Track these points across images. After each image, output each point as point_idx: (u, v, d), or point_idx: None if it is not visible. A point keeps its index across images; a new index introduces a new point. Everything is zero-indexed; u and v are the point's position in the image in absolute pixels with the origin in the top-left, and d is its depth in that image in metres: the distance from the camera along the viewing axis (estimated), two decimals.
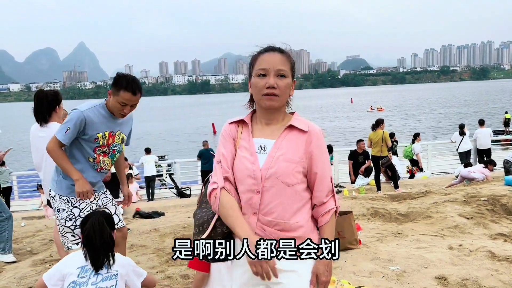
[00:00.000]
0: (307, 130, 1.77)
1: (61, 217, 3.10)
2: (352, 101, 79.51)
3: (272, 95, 1.72)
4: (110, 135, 3.13)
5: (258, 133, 1.82)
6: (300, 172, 1.74)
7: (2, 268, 4.65)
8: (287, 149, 1.75)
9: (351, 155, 11.68)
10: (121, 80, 3.01)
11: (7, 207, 5.12)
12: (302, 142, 1.76)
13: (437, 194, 7.20)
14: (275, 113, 1.80)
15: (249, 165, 1.75)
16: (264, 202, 1.73)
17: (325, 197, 1.77)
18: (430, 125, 38.26)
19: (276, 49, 1.79)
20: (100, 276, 2.41)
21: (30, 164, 24.14)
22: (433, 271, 3.71)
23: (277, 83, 1.72)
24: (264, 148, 1.78)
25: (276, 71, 1.72)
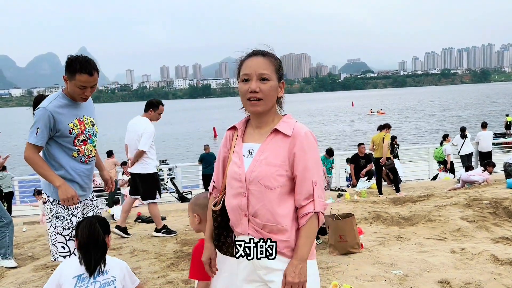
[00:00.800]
0: (290, 134, 1.77)
1: (60, 224, 3.02)
2: (353, 105, 79.51)
3: (256, 100, 1.75)
4: (80, 122, 3.04)
5: (249, 137, 1.87)
6: (282, 176, 1.75)
7: (3, 273, 4.64)
8: (270, 152, 1.77)
9: (352, 159, 11.68)
10: (74, 63, 2.88)
11: (7, 212, 5.11)
12: (285, 145, 1.76)
13: (439, 197, 7.18)
14: (263, 117, 1.83)
15: (236, 169, 1.81)
16: (251, 204, 1.77)
17: (303, 200, 1.75)
18: (431, 128, 38.23)
19: (258, 53, 1.81)
20: (98, 283, 2.39)
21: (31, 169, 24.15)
22: (436, 275, 3.69)
23: (259, 87, 1.74)
24: (251, 152, 1.82)
25: (258, 75, 1.75)
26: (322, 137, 35.30)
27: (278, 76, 1.80)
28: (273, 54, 1.83)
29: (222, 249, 1.88)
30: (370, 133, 35.09)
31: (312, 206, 1.74)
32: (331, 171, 11.93)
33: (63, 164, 3.01)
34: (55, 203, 3.02)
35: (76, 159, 3.05)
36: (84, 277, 2.39)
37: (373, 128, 39.40)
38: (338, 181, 12.21)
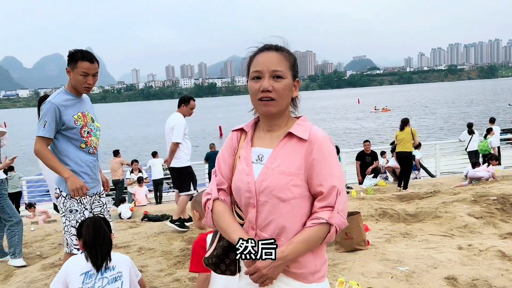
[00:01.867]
0: (306, 138, 1.57)
1: (73, 218, 3.12)
2: (359, 102, 79.24)
3: (268, 99, 1.56)
4: (83, 115, 3.18)
5: (258, 142, 1.66)
6: (297, 186, 1.54)
7: (12, 272, 4.69)
8: (283, 159, 1.56)
9: (358, 156, 11.65)
10: (75, 53, 3.08)
11: (17, 212, 5.16)
12: (301, 151, 1.56)
13: (445, 194, 7.14)
14: (276, 119, 1.63)
15: (244, 176, 1.60)
16: (260, 217, 1.57)
17: (319, 208, 1.54)
18: (437, 125, 38.02)
19: (271, 47, 1.61)
20: (106, 279, 2.42)
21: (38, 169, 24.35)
22: (443, 272, 3.68)
23: (272, 86, 1.55)
24: (261, 158, 1.61)
25: (271, 72, 1.56)
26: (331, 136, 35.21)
27: (293, 73, 1.61)
28: (287, 49, 1.63)
29: (220, 267, 1.66)
30: (375, 130, 35.06)
31: (328, 214, 1.51)
32: None
33: (73, 157, 3.12)
34: (69, 197, 3.12)
35: (85, 150, 3.17)
36: (91, 274, 2.42)
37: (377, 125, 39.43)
38: (345, 178, 12.17)
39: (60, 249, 5.41)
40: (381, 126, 39.13)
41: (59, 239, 5.83)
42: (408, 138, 9.77)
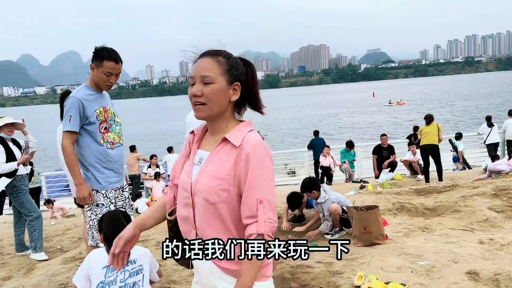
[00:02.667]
0: (238, 145, 1.56)
1: (99, 211, 3.17)
2: (374, 95, 78.48)
3: (199, 104, 1.58)
4: (104, 110, 3.25)
5: (204, 144, 1.71)
6: (225, 190, 1.55)
7: (34, 266, 4.78)
8: (215, 163, 1.59)
9: (375, 150, 11.55)
10: (102, 51, 3.12)
11: (36, 207, 5.25)
12: (232, 157, 1.56)
13: (464, 187, 7.03)
14: (214, 123, 1.65)
15: (185, 177, 1.66)
16: (196, 217, 1.61)
17: (245, 218, 1.53)
18: (454, 118, 37.46)
19: (206, 53, 1.63)
20: (127, 272, 2.45)
21: (56, 164, 24.67)
22: (464, 266, 3.63)
23: (201, 91, 1.57)
24: (201, 160, 1.66)
25: (200, 78, 1.58)
26: (339, 130, 35.04)
27: (230, 77, 1.59)
28: (225, 53, 1.63)
29: (180, 260, 1.72)
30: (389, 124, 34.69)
31: (255, 227, 1.51)
32: (354, 164, 11.82)
33: (94, 152, 3.19)
34: (95, 192, 3.18)
35: (103, 146, 3.22)
36: (112, 268, 2.45)
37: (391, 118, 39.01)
38: (360, 173, 12.10)
39: (80, 243, 5.49)
40: (396, 120, 38.75)
41: (79, 233, 5.92)
42: (434, 131, 9.69)
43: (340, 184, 11.01)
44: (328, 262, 3.95)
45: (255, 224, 1.51)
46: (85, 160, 3.19)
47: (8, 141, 5.02)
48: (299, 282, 3.61)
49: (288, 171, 14.83)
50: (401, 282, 3.32)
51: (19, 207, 5.12)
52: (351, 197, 6.72)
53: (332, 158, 11.53)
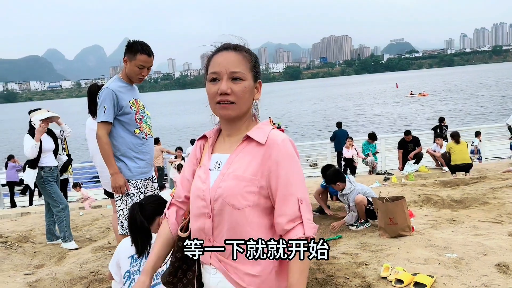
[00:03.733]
0: (263, 142, 1.44)
1: (130, 201, 3.25)
2: (398, 86, 77.17)
3: (227, 103, 1.44)
4: (136, 102, 3.32)
5: (219, 147, 1.56)
6: (252, 193, 1.41)
7: (65, 254, 4.93)
8: (239, 164, 1.45)
9: (400, 144, 11.37)
10: (135, 45, 3.19)
11: (63, 198, 5.40)
12: (258, 156, 1.44)
13: (493, 179, 6.88)
14: (236, 123, 1.51)
15: (200, 184, 1.49)
16: (216, 228, 1.45)
17: (287, 223, 1.38)
18: (480, 109, 36.53)
19: (230, 47, 1.49)
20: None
21: (82, 157, 25.23)
22: (493, 259, 3.56)
23: (231, 88, 1.43)
24: (219, 164, 1.50)
25: (229, 74, 1.44)
26: (360, 121, 34.62)
27: (254, 74, 1.49)
28: (247, 48, 1.52)
29: (178, 287, 1.57)
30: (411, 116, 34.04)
31: (301, 229, 1.37)
32: (376, 156, 11.69)
33: (127, 143, 3.26)
34: (126, 181, 3.26)
35: (138, 136, 3.29)
36: (136, 257, 2.50)
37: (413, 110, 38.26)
38: (384, 165, 11.96)
39: (108, 233, 5.63)
40: (418, 111, 38.06)
41: (107, 223, 6.06)
42: (465, 149, 9.45)
43: (363, 176, 10.91)
44: (354, 253, 3.95)
45: (300, 227, 1.38)
46: (118, 150, 3.25)
47: (33, 124, 5.15)
48: (324, 273, 3.62)
49: (310, 163, 14.79)
50: (428, 274, 3.29)
51: (46, 198, 5.28)
52: (375, 189, 6.66)
53: (356, 149, 11.43)
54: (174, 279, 1.57)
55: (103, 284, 3.73)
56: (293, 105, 60.67)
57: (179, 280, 1.56)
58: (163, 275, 1.60)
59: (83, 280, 3.86)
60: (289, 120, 38.40)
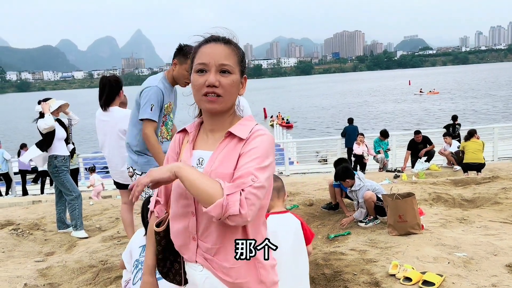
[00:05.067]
0: (245, 137, 1.41)
1: (145, 194, 3.31)
2: (410, 83, 76.47)
3: (213, 95, 1.41)
4: (169, 105, 3.34)
5: (200, 144, 1.53)
6: None
7: (75, 243, 4.99)
8: (221, 161, 1.41)
9: (410, 145, 11.24)
10: (187, 48, 3.14)
11: (76, 187, 5.46)
12: (239, 150, 1.41)
13: (505, 179, 6.78)
14: (219, 118, 1.48)
15: None
16: (201, 225, 1.43)
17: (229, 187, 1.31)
18: (493, 108, 36.04)
19: (219, 39, 1.46)
20: None
21: (93, 147, 25.41)
22: (504, 259, 3.52)
23: (219, 81, 1.41)
24: (202, 161, 1.48)
25: (218, 66, 1.41)
26: (365, 118, 34.38)
27: (241, 69, 1.47)
28: (235, 42, 1.49)
29: (169, 276, 1.60)
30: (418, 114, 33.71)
31: (231, 188, 1.30)
32: (388, 153, 11.60)
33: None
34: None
35: (159, 138, 3.32)
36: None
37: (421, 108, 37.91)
38: (395, 162, 11.87)
39: (117, 223, 5.68)
40: (426, 109, 37.72)
41: (116, 213, 6.11)
42: (479, 148, 9.32)
43: (373, 173, 10.85)
44: (362, 250, 3.93)
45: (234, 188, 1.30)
46: (141, 146, 3.30)
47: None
48: (332, 268, 3.61)
49: (319, 159, 14.74)
50: (437, 273, 3.26)
51: (60, 187, 5.34)
52: (385, 186, 6.62)
53: (367, 146, 11.35)
54: (164, 269, 1.60)
55: (112, 273, 3.77)
56: (302, 100, 60.46)
57: (169, 270, 1.59)
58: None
59: (92, 269, 3.90)
60: (298, 115, 38.31)
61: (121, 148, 3.95)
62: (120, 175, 4.07)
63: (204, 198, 1.28)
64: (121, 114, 4.05)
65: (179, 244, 1.50)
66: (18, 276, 3.70)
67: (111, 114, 4.08)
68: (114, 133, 4.04)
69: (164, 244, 1.56)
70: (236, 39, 1.50)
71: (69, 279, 3.78)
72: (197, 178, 1.31)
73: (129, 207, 4.24)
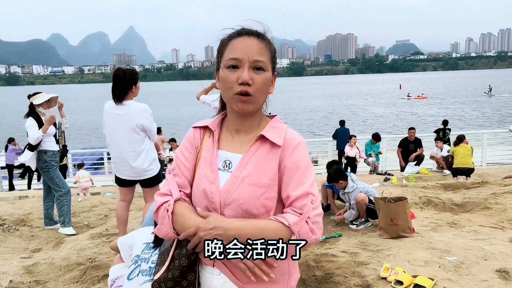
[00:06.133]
0: (281, 144, 1.34)
1: None
2: (401, 87, 77.10)
3: (246, 95, 1.30)
4: None
5: (225, 144, 1.41)
6: (271, 199, 1.31)
7: (63, 239, 4.91)
8: (254, 168, 1.32)
9: (401, 143, 11.34)
10: None
11: (66, 183, 5.37)
12: (274, 159, 1.33)
13: (495, 185, 6.84)
14: (248, 118, 1.39)
15: (208, 184, 1.35)
16: None
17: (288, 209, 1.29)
18: (480, 114, 36.47)
19: (252, 32, 1.35)
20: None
21: (83, 143, 25.09)
22: (494, 264, 3.53)
23: (252, 78, 1.30)
24: (229, 164, 1.37)
25: (251, 62, 1.30)
26: (361, 121, 34.58)
27: (273, 66, 1.37)
28: (268, 37, 1.39)
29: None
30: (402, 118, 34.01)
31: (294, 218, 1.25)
32: (379, 156, 11.66)
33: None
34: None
35: None
36: (151, 246, 2.48)
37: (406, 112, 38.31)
38: (385, 165, 11.93)
39: (106, 220, 5.61)
40: (413, 113, 38.07)
41: (105, 210, 6.04)
42: (468, 153, 9.43)
43: (364, 175, 10.88)
44: (354, 252, 3.92)
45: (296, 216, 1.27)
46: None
47: (42, 115, 5.10)
48: (323, 270, 3.59)
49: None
50: (428, 277, 3.26)
51: (49, 182, 5.24)
52: (376, 189, 6.64)
53: (358, 148, 11.40)
54: (172, 283, 1.41)
55: (100, 271, 3.71)
56: (294, 101, 60.60)
57: (177, 284, 1.41)
58: (157, 281, 1.42)
59: (79, 266, 3.83)
60: (289, 116, 38.36)
61: (135, 143, 3.90)
62: (131, 171, 3.99)
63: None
64: (138, 108, 3.93)
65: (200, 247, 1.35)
66: (3, 273, 3.62)
67: (126, 108, 3.90)
68: (128, 127, 3.90)
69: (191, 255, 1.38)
70: (269, 33, 1.39)
71: (55, 276, 3.70)
72: (259, 230, 1.24)
73: (127, 205, 4.20)
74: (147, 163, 3.99)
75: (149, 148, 4.04)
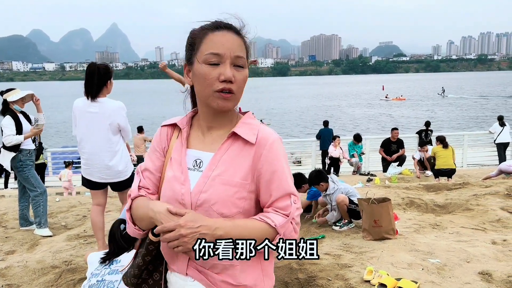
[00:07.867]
0: (254, 142, 1.27)
1: None
2: (384, 89, 77.98)
3: (228, 92, 1.24)
4: None
5: (196, 142, 1.35)
6: (243, 199, 1.25)
7: (38, 241, 4.74)
8: (226, 167, 1.26)
9: (383, 144, 11.39)
10: None
11: (41, 182, 5.19)
12: (247, 157, 1.27)
13: (476, 186, 6.90)
14: (223, 115, 1.32)
15: (177, 186, 1.28)
16: None
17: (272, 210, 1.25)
18: (462, 116, 37.10)
19: (231, 27, 1.28)
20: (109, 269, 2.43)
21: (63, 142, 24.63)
22: (476, 266, 3.53)
23: (234, 76, 1.23)
24: (200, 163, 1.31)
25: (233, 58, 1.24)
26: (345, 122, 34.82)
27: (248, 64, 1.34)
28: (243, 32, 1.32)
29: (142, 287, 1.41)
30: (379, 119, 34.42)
31: (281, 220, 1.22)
32: (362, 157, 11.69)
33: None
34: None
35: None
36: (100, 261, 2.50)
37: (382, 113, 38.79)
38: (368, 165, 11.98)
39: (84, 221, 5.45)
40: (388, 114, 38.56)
41: (84, 211, 5.88)
42: (451, 154, 9.53)
43: (347, 176, 10.90)
44: (337, 255, 3.87)
45: (282, 218, 1.24)
46: None
47: (18, 113, 4.92)
48: (306, 273, 3.53)
49: (293, 160, 14.75)
50: (412, 279, 3.23)
51: (24, 182, 5.07)
52: (359, 189, 6.62)
53: (341, 149, 11.42)
54: (138, 281, 1.39)
55: (76, 275, 3.58)
56: (277, 101, 60.72)
57: (144, 281, 1.39)
58: (125, 275, 1.41)
59: (55, 270, 3.69)
60: (272, 116, 38.42)
61: (110, 142, 3.71)
62: (105, 172, 3.78)
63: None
64: (114, 105, 3.73)
65: (168, 252, 1.32)
66: None
67: (101, 105, 3.70)
68: (104, 126, 3.70)
69: (154, 254, 1.34)
70: (246, 29, 1.31)
71: (29, 280, 3.56)
72: (246, 230, 1.21)
73: (101, 209, 3.95)
74: (123, 164, 3.79)
75: (123, 149, 3.88)
